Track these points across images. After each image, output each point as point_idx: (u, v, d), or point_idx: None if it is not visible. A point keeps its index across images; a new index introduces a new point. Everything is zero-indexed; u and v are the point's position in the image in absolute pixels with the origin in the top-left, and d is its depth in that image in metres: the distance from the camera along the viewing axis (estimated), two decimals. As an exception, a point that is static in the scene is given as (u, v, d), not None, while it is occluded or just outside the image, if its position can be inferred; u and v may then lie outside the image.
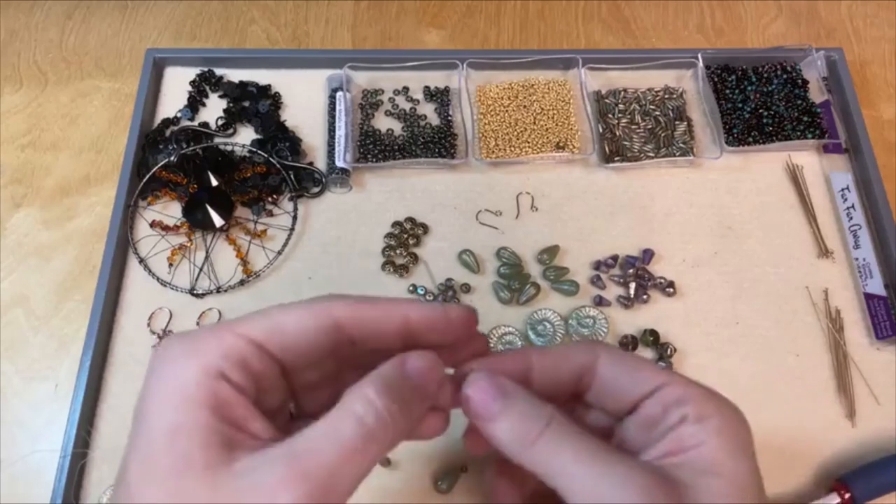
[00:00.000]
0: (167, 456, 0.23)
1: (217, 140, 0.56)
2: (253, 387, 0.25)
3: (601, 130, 0.57)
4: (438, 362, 0.28)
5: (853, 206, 0.54)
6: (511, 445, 0.28)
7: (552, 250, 0.52)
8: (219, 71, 0.59)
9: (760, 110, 0.57)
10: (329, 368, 0.29)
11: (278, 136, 0.55)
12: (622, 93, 0.58)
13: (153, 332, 0.49)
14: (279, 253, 0.52)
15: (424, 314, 0.28)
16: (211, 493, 0.22)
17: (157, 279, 0.51)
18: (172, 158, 0.53)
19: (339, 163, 0.54)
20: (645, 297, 0.50)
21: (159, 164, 0.53)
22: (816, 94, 0.58)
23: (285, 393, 0.28)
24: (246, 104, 0.58)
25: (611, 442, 0.31)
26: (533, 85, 0.58)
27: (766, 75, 0.58)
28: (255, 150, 0.55)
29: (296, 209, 0.53)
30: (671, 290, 0.50)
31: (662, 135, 0.56)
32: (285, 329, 0.25)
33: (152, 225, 0.52)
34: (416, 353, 0.28)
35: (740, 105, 0.57)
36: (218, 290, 0.50)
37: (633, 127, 0.57)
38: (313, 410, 0.30)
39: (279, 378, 0.26)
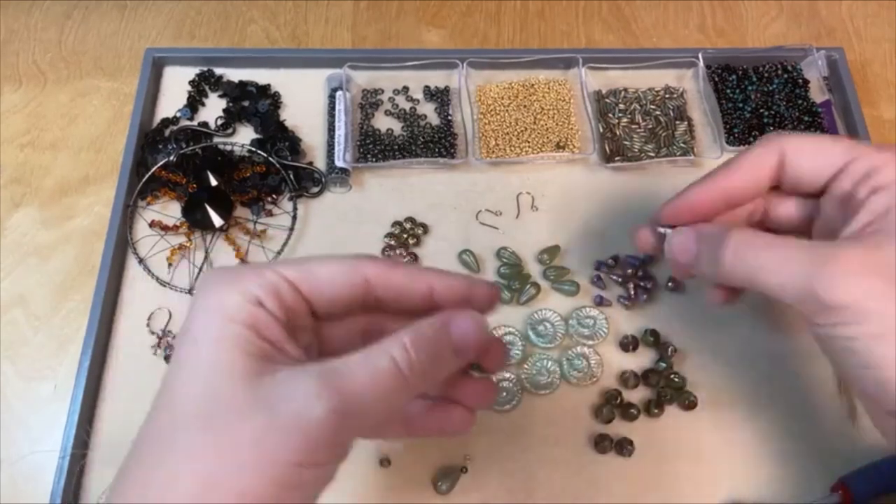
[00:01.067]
0: (209, 361, 0.25)
1: (216, 140, 0.56)
2: (285, 317, 0.27)
3: (601, 130, 0.56)
4: (481, 326, 0.29)
5: (854, 206, 0.54)
6: (710, 271, 0.33)
7: (552, 250, 0.52)
8: (218, 70, 0.59)
9: (761, 110, 0.57)
10: (358, 325, 0.31)
11: (278, 136, 0.55)
12: (622, 92, 0.58)
13: (152, 333, 0.49)
14: (279, 253, 0.51)
15: (449, 286, 0.30)
16: (251, 394, 0.24)
17: (157, 279, 0.51)
18: (172, 158, 0.53)
19: (339, 162, 0.53)
20: (645, 297, 0.50)
21: (158, 164, 0.53)
22: (817, 94, 0.57)
23: (313, 336, 0.30)
24: (245, 104, 0.58)
25: (812, 225, 0.36)
26: (533, 84, 0.58)
27: (766, 75, 0.58)
28: (254, 149, 0.54)
29: (295, 209, 0.53)
30: (672, 284, 0.50)
31: (663, 134, 0.56)
32: (318, 276, 0.28)
33: (151, 225, 0.52)
34: (462, 315, 0.29)
35: (741, 105, 0.57)
36: (217, 291, 0.50)
37: (634, 126, 0.57)
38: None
39: (308, 317, 0.28)
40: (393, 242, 0.52)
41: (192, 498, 0.23)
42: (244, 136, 0.57)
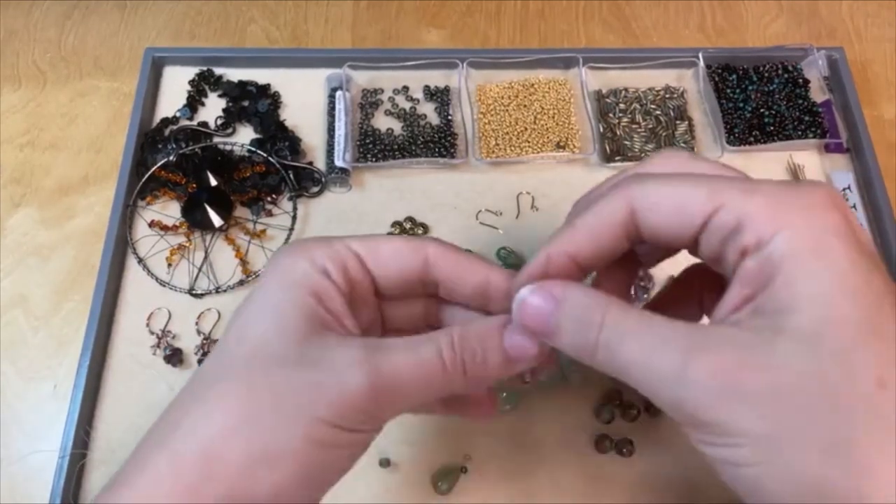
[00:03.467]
0: (268, 319, 0.26)
1: (216, 140, 0.56)
2: (348, 289, 0.28)
3: (602, 130, 0.56)
4: (534, 343, 0.28)
5: (854, 206, 0.53)
6: (576, 355, 0.26)
7: (552, 250, 0.52)
8: (218, 70, 0.59)
9: (761, 110, 0.57)
10: (420, 310, 0.32)
11: (278, 136, 0.55)
12: (623, 92, 0.58)
13: (152, 333, 0.49)
14: (279, 253, 0.51)
15: (506, 280, 0.30)
16: (298, 351, 0.25)
17: (156, 279, 0.51)
18: (171, 158, 0.53)
19: (339, 162, 0.53)
20: (645, 296, 0.50)
21: (158, 164, 0.53)
22: (818, 94, 0.57)
23: (375, 314, 0.31)
24: (245, 104, 0.57)
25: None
26: (533, 84, 0.58)
27: (767, 75, 0.58)
28: (254, 149, 0.54)
29: (295, 209, 0.53)
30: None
31: (663, 134, 0.56)
32: (382, 251, 0.29)
33: (151, 225, 0.52)
34: (518, 326, 0.28)
35: (741, 104, 0.57)
36: (217, 291, 0.50)
37: (634, 126, 0.57)
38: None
39: (371, 293, 0.30)
40: (393, 242, 0.52)
41: (223, 432, 0.24)
42: (244, 136, 0.57)
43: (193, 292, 0.50)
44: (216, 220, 0.51)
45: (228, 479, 0.24)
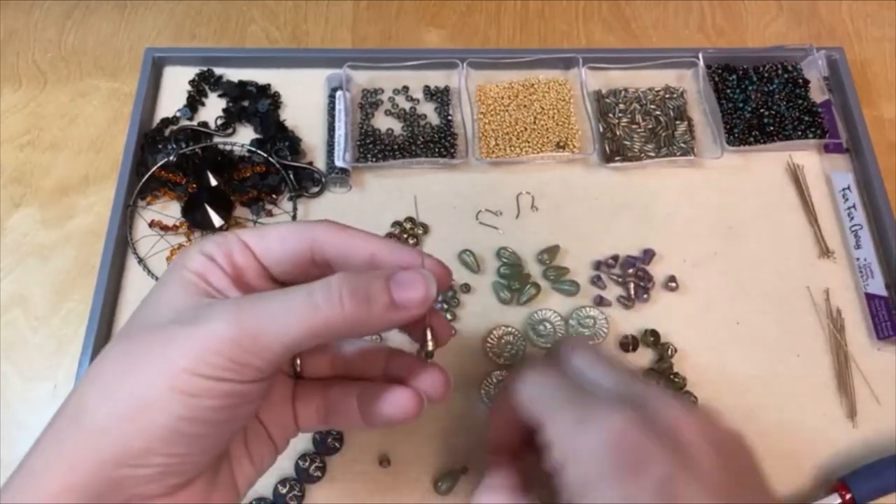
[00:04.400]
0: (155, 297, 0.30)
1: (216, 140, 0.56)
2: (233, 271, 0.30)
3: (601, 130, 0.56)
4: (428, 285, 0.29)
5: (854, 206, 0.54)
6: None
7: (552, 250, 0.52)
8: (218, 70, 0.59)
9: (761, 110, 0.57)
10: None
11: (278, 136, 0.55)
12: (623, 92, 0.58)
13: (152, 333, 0.49)
14: (279, 253, 0.51)
15: (390, 252, 0.31)
16: (173, 317, 0.28)
17: (157, 279, 0.51)
18: (171, 158, 0.53)
19: (339, 162, 0.53)
20: (645, 296, 0.50)
21: (158, 164, 0.53)
22: (817, 94, 0.57)
23: None
24: (245, 104, 0.58)
25: None
26: (533, 84, 0.58)
27: (766, 75, 0.58)
28: (254, 149, 0.54)
29: (295, 209, 0.53)
30: (673, 284, 0.50)
31: (663, 134, 0.56)
32: (268, 237, 0.31)
33: (151, 225, 0.52)
34: (409, 272, 0.30)
35: (741, 105, 0.57)
36: (217, 291, 0.50)
37: (634, 126, 0.57)
38: None
39: (263, 278, 0.31)
40: (393, 242, 0.52)
41: (93, 395, 0.27)
42: (244, 136, 0.57)
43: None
44: (216, 221, 0.51)
45: (101, 436, 0.26)
